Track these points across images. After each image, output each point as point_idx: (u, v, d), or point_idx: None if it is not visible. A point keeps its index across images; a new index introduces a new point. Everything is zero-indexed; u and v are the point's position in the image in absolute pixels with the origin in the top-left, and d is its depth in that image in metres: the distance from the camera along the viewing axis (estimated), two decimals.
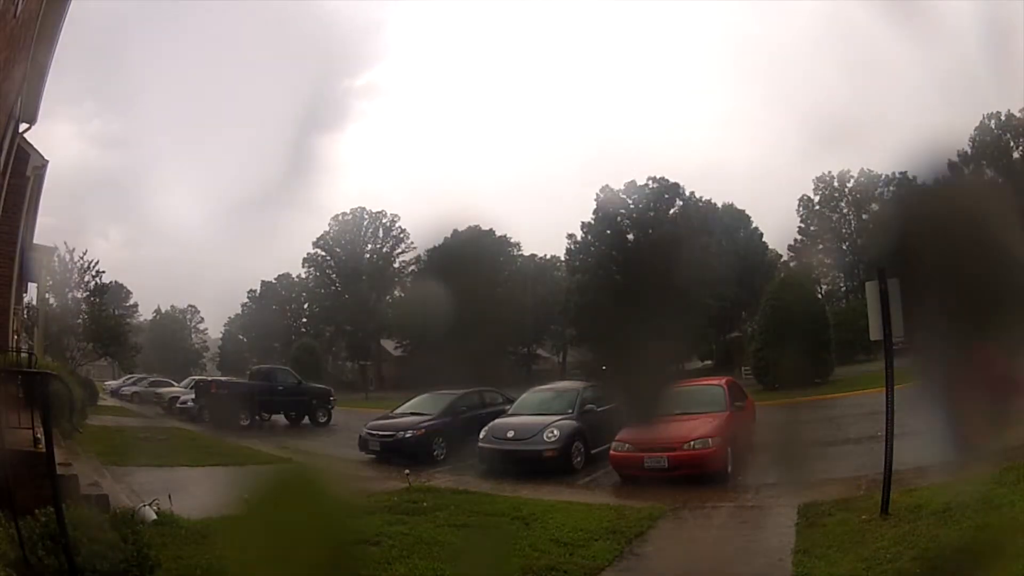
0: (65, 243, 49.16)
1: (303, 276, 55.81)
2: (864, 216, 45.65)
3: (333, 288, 54.34)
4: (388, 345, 53.09)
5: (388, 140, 76.15)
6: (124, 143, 58.86)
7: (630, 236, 49.01)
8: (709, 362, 40.59)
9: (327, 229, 56.00)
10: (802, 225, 49.19)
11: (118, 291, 53.30)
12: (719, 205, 45.39)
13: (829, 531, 6.66)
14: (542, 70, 75.68)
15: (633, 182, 48.48)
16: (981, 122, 45.40)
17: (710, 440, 10.11)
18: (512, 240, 51.69)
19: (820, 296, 36.72)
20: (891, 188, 43.66)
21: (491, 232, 51.07)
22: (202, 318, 57.88)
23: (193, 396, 22.71)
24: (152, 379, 31.68)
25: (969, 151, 45.94)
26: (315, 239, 55.55)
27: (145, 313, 52.72)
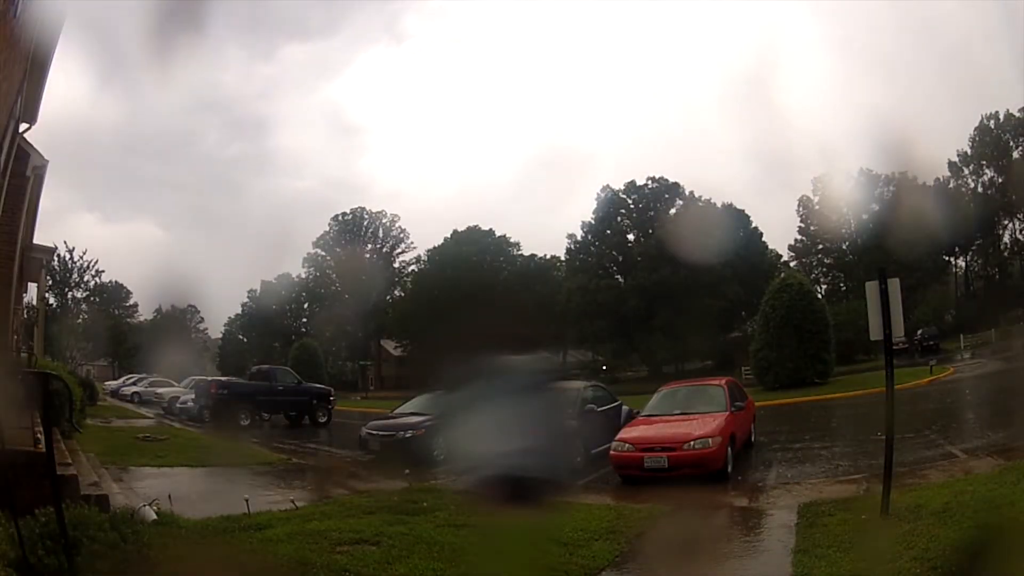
0: (65, 243, 49.19)
1: (303, 276, 55.74)
2: (864, 216, 45.61)
3: (333, 288, 54.28)
4: (388, 345, 53.08)
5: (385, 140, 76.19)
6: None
7: (630, 236, 48.98)
8: (709, 362, 40.59)
9: (327, 229, 55.96)
10: (802, 225, 49.15)
11: (118, 291, 53.27)
12: (719, 205, 45.37)
13: (829, 531, 6.64)
14: (542, 72, 75.76)
15: (633, 182, 48.47)
16: (981, 122, 45.42)
17: (710, 440, 10.09)
18: (512, 240, 51.71)
19: (820, 296, 36.68)
20: (891, 188, 43.66)
21: (491, 232, 51.12)
22: (202, 318, 57.84)
23: (193, 396, 22.73)
24: (152, 379, 31.66)
25: (969, 151, 45.97)
26: (315, 239, 55.50)
27: (145, 313, 52.64)
